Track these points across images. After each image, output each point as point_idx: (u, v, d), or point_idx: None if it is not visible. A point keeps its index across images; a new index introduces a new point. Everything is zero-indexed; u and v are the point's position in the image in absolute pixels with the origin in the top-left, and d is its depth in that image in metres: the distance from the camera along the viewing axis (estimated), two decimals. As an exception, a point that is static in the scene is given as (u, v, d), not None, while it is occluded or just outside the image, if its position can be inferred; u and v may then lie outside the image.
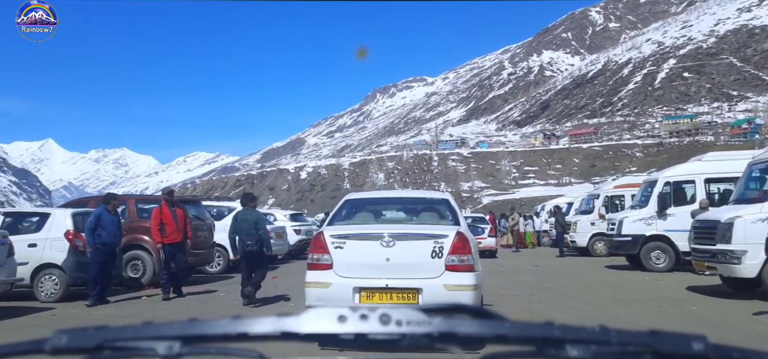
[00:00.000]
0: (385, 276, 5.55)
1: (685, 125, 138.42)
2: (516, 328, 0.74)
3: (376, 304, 5.45)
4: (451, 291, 5.45)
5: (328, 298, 5.60)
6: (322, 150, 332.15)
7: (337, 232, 5.92)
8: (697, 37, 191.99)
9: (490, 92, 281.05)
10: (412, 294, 5.51)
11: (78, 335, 0.77)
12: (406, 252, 5.62)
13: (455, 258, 5.55)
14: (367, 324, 0.72)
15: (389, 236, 5.65)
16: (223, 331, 0.76)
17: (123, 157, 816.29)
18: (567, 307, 8.14)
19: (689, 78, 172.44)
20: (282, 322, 0.74)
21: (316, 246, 5.89)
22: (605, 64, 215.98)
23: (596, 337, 0.73)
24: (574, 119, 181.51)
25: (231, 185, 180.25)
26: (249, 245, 8.67)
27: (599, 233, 18.56)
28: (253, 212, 9.10)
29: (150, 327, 0.77)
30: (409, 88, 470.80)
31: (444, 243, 5.58)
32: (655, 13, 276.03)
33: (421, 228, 6.03)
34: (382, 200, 8.14)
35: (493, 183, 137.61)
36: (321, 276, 5.74)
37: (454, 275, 5.52)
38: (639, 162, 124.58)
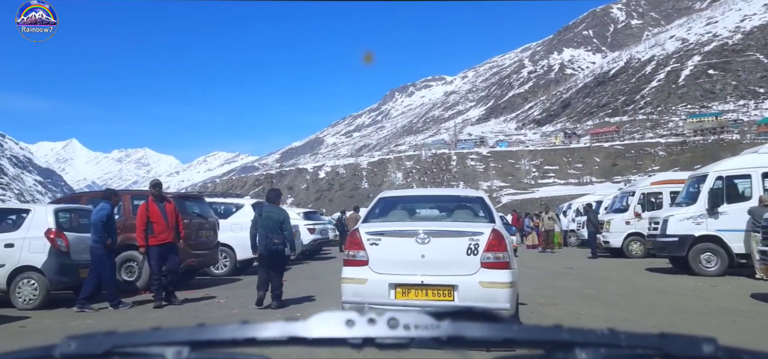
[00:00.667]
0: (421, 272, 5.57)
1: (710, 123, 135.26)
2: (524, 331, 0.74)
3: (410, 301, 5.54)
4: (486, 289, 5.45)
5: (364, 294, 5.65)
6: (340, 150, 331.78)
7: (372, 229, 5.97)
8: (722, 34, 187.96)
9: (510, 90, 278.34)
10: (448, 290, 5.54)
11: (87, 341, 0.77)
12: (442, 249, 5.63)
13: (491, 255, 5.54)
14: (375, 328, 0.72)
15: (424, 233, 5.66)
16: (231, 336, 0.76)
17: (145, 157, 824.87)
18: (621, 320, 7.07)
19: (714, 75, 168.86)
20: (290, 327, 0.74)
21: (352, 243, 5.95)
22: (627, 61, 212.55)
23: (605, 340, 0.73)
24: (595, 117, 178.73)
25: (250, 185, 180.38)
26: (275, 244, 8.29)
27: (635, 233, 17.66)
28: (280, 211, 8.67)
29: (159, 333, 0.78)
30: (428, 87, 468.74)
31: (479, 240, 5.58)
32: (679, 9, 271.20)
33: (456, 225, 6.04)
34: (416, 197, 8.07)
35: (513, 183, 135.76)
36: (357, 272, 5.79)
37: (489, 272, 5.51)
38: (662, 161, 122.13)
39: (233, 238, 13.32)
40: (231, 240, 13.30)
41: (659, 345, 0.71)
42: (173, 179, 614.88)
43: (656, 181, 18.98)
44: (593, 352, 0.72)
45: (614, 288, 10.20)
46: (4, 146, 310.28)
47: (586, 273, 13.19)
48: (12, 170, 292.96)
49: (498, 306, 5.39)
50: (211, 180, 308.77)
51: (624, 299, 8.81)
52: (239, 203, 15.07)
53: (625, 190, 21.07)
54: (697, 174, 13.29)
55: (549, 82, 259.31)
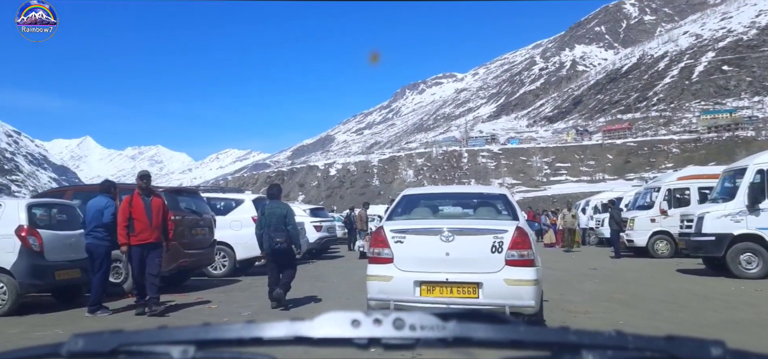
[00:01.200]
0: (445, 270, 5.61)
1: (725, 119, 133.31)
2: (531, 333, 0.73)
3: (435, 298, 5.60)
4: (511, 286, 5.47)
5: (389, 291, 5.71)
6: (351, 147, 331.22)
7: (397, 227, 6.00)
8: (737, 29, 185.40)
9: (521, 87, 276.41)
10: (473, 288, 5.57)
11: (94, 339, 0.78)
12: (466, 247, 5.66)
13: (515, 253, 5.56)
14: (381, 329, 0.72)
15: (449, 231, 5.69)
16: (237, 335, 0.76)
17: (158, 154, 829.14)
18: (665, 332, 6.01)
19: (729, 71, 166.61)
20: (296, 326, 0.74)
21: (377, 241, 5.99)
22: (640, 58, 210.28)
23: (612, 342, 0.72)
24: (607, 114, 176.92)
25: (262, 182, 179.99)
26: (278, 243, 7.90)
27: (661, 231, 16.78)
28: (281, 205, 8.32)
29: (165, 332, 0.78)
30: (439, 84, 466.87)
31: (504, 238, 5.60)
32: (693, 4, 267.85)
33: (481, 223, 6.04)
34: (438, 195, 7.99)
35: (524, 180, 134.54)
36: (382, 270, 5.83)
37: (514, 269, 5.53)
38: (675, 158, 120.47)
39: (232, 236, 12.56)
40: (230, 238, 12.53)
41: (667, 348, 0.71)
42: (186, 177, 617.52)
43: (683, 176, 17.92)
44: (600, 354, 0.71)
45: (649, 293, 9.38)
46: (19, 143, 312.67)
47: (613, 275, 12.31)
48: (27, 168, 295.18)
49: (523, 304, 5.49)
50: (223, 177, 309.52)
51: (663, 306, 7.97)
52: (239, 198, 14.10)
53: (649, 185, 19.95)
54: (734, 168, 12.31)
55: (560, 79, 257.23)
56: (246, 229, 12.00)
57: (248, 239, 11.67)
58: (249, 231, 11.71)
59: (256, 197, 14.18)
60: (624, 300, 8.32)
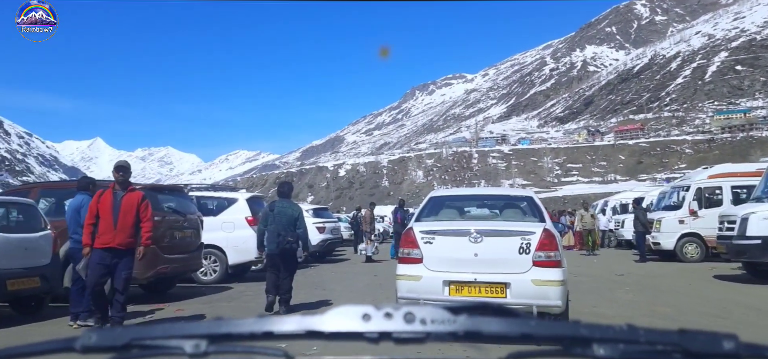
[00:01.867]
0: (474, 270, 5.75)
1: (738, 120, 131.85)
2: (542, 327, 0.73)
3: (463, 298, 5.77)
4: (539, 286, 5.60)
5: (418, 290, 5.85)
6: (360, 148, 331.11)
7: (426, 228, 6.13)
8: (750, 29, 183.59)
9: (532, 88, 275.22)
10: (501, 288, 5.70)
11: (107, 333, 0.79)
12: (494, 248, 5.79)
13: (542, 254, 5.68)
14: (392, 323, 0.72)
15: (477, 233, 5.83)
16: (249, 330, 0.77)
17: (167, 155, 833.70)
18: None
19: (742, 71, 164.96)
20: (307, 321, 0.75)
21: (407, 241, 6.13)
22: (652, 58, 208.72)
23: (624, 336, 0.72)
24: (619, 114, 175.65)
25: (271, 183, 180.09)
26: (289, 242, 7.61)
27: (691, 233, 15.74)
28: (293, 206, 8.00)
29: (177, 326, 0.79)
30: (449, 85, 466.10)
31: (531, 240, 5.72)
32: (704, 4, 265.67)
33: (508, 225, 6.19)
34: (465, 197, 8.19)
35: (535, 181, 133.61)
36: (412, 270, 5.97)
37: (541, 270, 5.66)
38: (689, 159, 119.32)
39: (224, 239, 11.50)
40: (221, 241, 11.46)
41: (679, 342, 0.71)
42: (195, 178, 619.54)
43: (715, 174, 16.64)
44: (611, 348, 0.71)
45: (693, 305, 8.46)
46: (31, 144, 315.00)
47: (644, 282, 11.34)
48: (38, 169, 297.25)
49: (550, 303, 5.63)
50: (233, 178, 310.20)
51: (716, 322, 7.07)
52: (232, 196, 12.73)
53: (676, 184, 18.64)
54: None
55: (571, 79, 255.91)
56: (239, 231, 11.53)
57: (241, 242, 11.36)
58: (242, 234, 11.35)
59: (251, 196, 13.12)
60: (668, 315, 7.43)
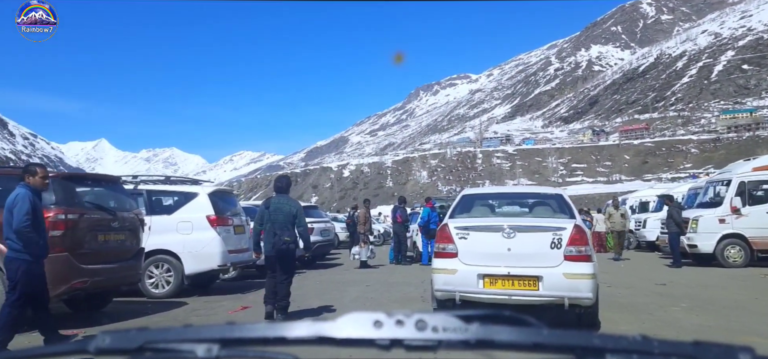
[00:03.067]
0: (507, 264, 5.96)
1: (745, 119, 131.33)
2: (554, 336, 0.72)
3: (497, 290, 6.00)
4: (570, 280, 5.81)
5: (454, 283, 6.10)
6: (365, 148, 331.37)
7: (461, 224, 6.37)
8: (757, 28, 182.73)
9: (536, 88, 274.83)
10: (533, 281, 5.90)
11: (121, 336, 0.79)
12: (527, 243, 6.00)
13: (573, 249, 5.88)
14: (403, 330, 0.72)
15: (510, 228, 6.06)
16: (260, 335, 0.78)
17: (172, 156, 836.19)
18: None
19: (749, 70, 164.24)
20: (318, 326, 0.75)
21: (442, 237, 6.39)
22: (658, 57, 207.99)
23: (637, 347, 0.71)
24: (624, 114, 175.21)
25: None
26: (286, 242, 6.99)
27: (733, 234, 13.80)
28: (291, 202, 7.30)
29: (190, 330, 0.79)
30: (453, 85, 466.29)
31: (562, 235, 5.93)
32: (710, 3, 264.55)
33: (540, 221, 6.39)
34: (497, 195, 8.24)
35: (540, 181, 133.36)
36: (447, 264, 6.20)
37: (572, 264, 5.85)
38: (694, 158, 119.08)
39: (180, 242, 9.39)
40: (176, 245, 9.38)
41: (694, 354, 0.70)
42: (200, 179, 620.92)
43: (760, 166, 14.79)
44: (625, 358, 0.70)
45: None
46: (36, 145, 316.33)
47: (696, 294, 9.44)
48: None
49: (581, 296, 5.83)
50: (237, 179, 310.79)
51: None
52: (190, 191, 10.30)
53: (713, 179, 16.68)
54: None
55: (576, 79, 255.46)
56: (199, 233, 9.50)
57: (201, 246, 9.43)
58: (202, 236, 9.50)
59: (215, 190, 10.65)
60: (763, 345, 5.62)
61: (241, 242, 10.31)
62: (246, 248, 10.26)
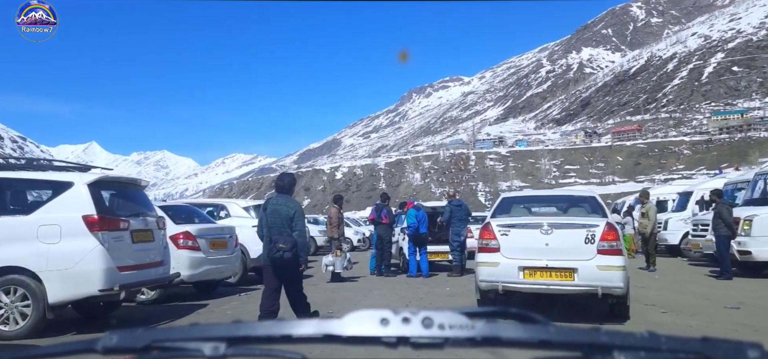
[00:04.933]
0: (545, 257, 6.54)
1: (736, 120, 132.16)
2: (561, 333, 0.72)
3: (536, 281, 6.62)
4: (603, 271, 6.37)
5: (497, 275, 6.74)
6: (358, 151, 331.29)
7: (502, 222, 7.03)
8: (746, 30, 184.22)
9: (528, 90, 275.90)
10: (569, 272, 6.47)
11: (128, 335, 0.80)
12: (563, 238, 6.59)
13: (606, 244, 6.45)
14: (410, 328, 0.72)
15: (548, 226, 6.65)
16: (267, 333, 0.78)
17: (163, 159, 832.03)
18: None
19: (739, 72, 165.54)
20: (325, 324, 0.75)
21: (485, 233, 6.98)
22: (648, 59, 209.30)
23: (645, 343, 0.71)
24: (616, 116, 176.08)
25: (267, 186, 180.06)
26: (280, 251, 6.08)
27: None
28: (289, 203, 6.39)
29: (197, 328, 0.79)
30: (446, 88, 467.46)
31: (596, 231, 6.51)
32: (700, 7, 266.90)
33: (575, 219, 7.04)
34: (534, 197, 9.21)
35: (533, 182, 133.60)
36: (490, 257, 6.83)
37: (605, 258, 6.41)
38: (687, 160, 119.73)
39: (41, 256, 6.47)
40: (33, 261, 6.47)
41: (702, 350, 0.69)
42: (192, 182, 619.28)
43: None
44: (632, 355, 0.70)
45: None
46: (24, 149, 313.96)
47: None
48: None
49: (613, 286, 6.38)
50: (229, 182, 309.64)
51: None
52: (60, 180, 7.01)
53: (761, 171, 13.90)
54: None
55: (568, 81, 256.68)
56: (71, 241, 6.54)
57: (73, 261, 6.49)
58: (77, 245, 6.53)
59: (98, 179, 7.21)
60: None
61: (148, 255, 7.43)
62: (157, 263, 7.60)
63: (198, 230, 9.47)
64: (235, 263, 10.45)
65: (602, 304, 6.96)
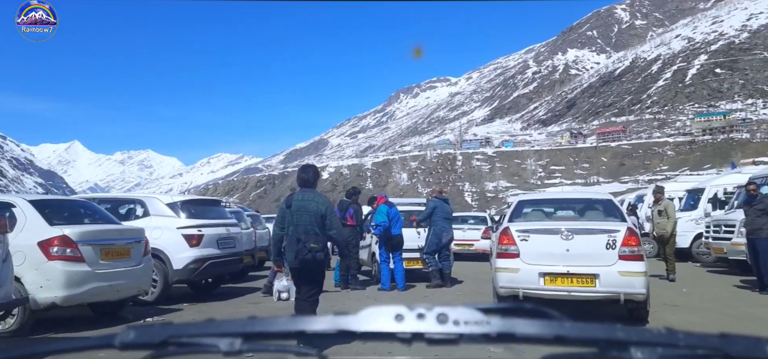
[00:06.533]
0: (566, 263, 6.49)
1: (719, 122, 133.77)
2: (577, 329, 0.71)
3: (557, 287, 6.53)
4: (625, 277, 6.33)
5: (517, 281, 6.63)
6: (345, 151, 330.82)
7: (521, 227, 6.91)
8: (728, 33, 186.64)
9: (515, 91, 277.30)
10: (591, 279, 6.41)
11: (145, 331, 0.81)
12: (584, 244, 6.52)
13: (627, 249, 6.41)
14: (425, 324, 0.72)
15: (568, 231, 6.60)
16: (282, 328, 0.78)
17: (147, 158, 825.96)
18: None
19: (721, 74, 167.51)
20: (340, 320, 0.75)
21: (504, 239, 6.86)
22: (633, 61, 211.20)
23: (662, 340, 0.70)
24: (601, 117, 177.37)
25: (252, 186, 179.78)
26: (312, 250, 5.59)
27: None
28: (318, 199, 5.86)
29: (213, 324, 0.80)
30: (433, 88, 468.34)
31: (617, 237, 6.46)
32: (683, 10, 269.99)
33: (595, 224, 6.93)
34: (550, 200, 9.07)
35: (519, 183, 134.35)
36: (510, 263, 6.72)
37: (626, 263, 6.38)
38: (670, 161, 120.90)
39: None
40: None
41: (720, 346, 0.68)
42: (176, 182, 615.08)
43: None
44: (650, 352, 0.69)
45: None
46: (4, 148, 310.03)
47: None
48: (11, 172, 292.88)
49: (635, 291, 6.39)
50: (214, 182, 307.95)
51: None
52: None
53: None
54: None
55: (554, 82, 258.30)
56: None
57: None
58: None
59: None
60: None
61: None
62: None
63: (81, 233, 6.94)
64: (142, 277, 7.84)
65: (620, 307, 6.84)
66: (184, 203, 10.14)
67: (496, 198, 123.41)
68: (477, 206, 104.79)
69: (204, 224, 9.75)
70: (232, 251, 10.25)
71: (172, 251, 9.06)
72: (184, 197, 11.16)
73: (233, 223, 10.95)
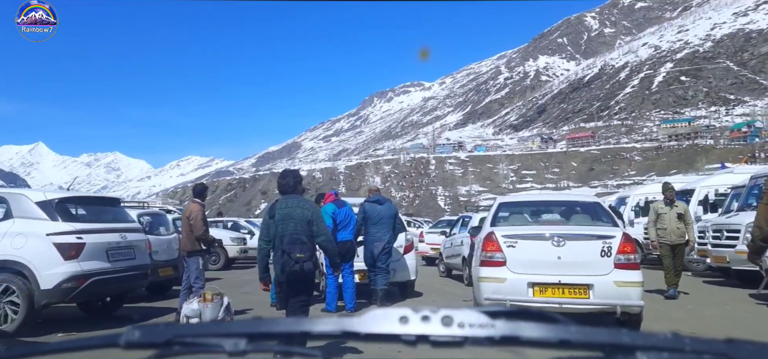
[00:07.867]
0: (557, 272, 6.01)
1: (684, 128, 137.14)
2: (582, 333, 0.71)
3: (547, 299, 5.91)
4: (621, 287, 5.91)
5: (504, 292, 6.06)
6: (318, 154, 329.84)
7: (508, 232, 6.38)
8: (693, 42, 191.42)
9: (487, 96, 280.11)
10: (584, 289, 5.96)
11: (150, 331, 0.81)
12: (577, 251, 6.07)
13: (623, 257, 5.99)
14: (429, 326, 0.71)
15: (559, 237, 6.12)
16: (286, 330, 0.79)
17: (115, 161, 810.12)
18: None
19: (686, 82, 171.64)
20: (344, 322, 0.75)
21: (489, 245, 6.31)
22: (602, 68, 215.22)
23: (668, 344, 0.69)
24: (571, 122, 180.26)
25: (222, 189, 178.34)
26: (299, 260, 5.17)
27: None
28: (304, 205, 5.41)
29: (218, 325, 0.81)
30: (407, 92, 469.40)
31: (612, 243, 6.04)
32: (650, 18, 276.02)
33: (588, 229, 6.48)
34: (534, 202, 8.49)
35: (491, 187, 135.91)
36: (495, 272, 6.20)
37: (623, 272, 5.95)
38: (638, 165, 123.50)
39: None
40: None
41: (726, 352, 0.68)
42: (144, 185, 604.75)
43: None
44: (656, 356, 0.68)
45: None
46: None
47: None
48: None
49: (632, 303, 6.00)
50: (184, 185, 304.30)
51: None
52: None
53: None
54: None
55: (525, 88, 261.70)
56: None
57: None
58: None
59: None
60: None
61: None
62: None
63: None
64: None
65: (610, 318, 6.35)
66: (62, 202, 7.86)
67: (469, 202, 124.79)
68: (450, 211, 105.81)
69: (87, 229, 7.61)
70: (130, 265, 8.13)
71: (39, 266, 7.00)
72: (63, 194, 8.64)
73: (133, 228, 8.81)
